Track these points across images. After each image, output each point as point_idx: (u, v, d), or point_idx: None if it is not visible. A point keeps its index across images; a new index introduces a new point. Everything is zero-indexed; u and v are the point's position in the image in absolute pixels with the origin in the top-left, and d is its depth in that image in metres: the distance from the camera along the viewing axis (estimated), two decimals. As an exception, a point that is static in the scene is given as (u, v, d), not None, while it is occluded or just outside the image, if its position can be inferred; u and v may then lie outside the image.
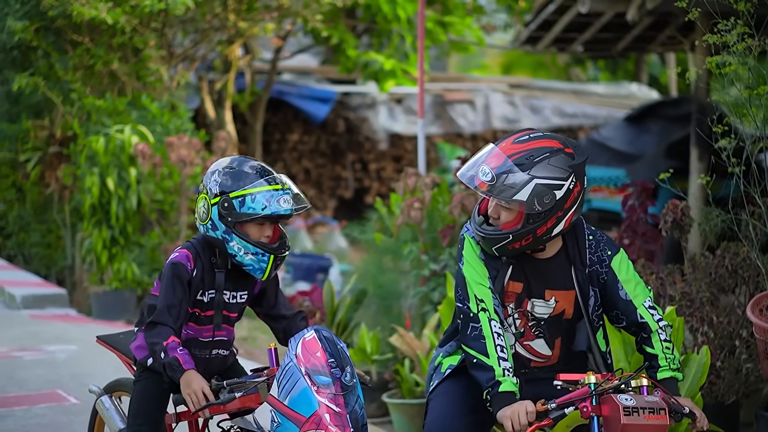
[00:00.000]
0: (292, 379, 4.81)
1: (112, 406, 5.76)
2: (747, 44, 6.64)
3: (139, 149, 11.89)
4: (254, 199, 5.08)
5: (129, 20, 12.97)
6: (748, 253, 7.11)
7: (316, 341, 4.85)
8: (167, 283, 5.15)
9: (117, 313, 12.14)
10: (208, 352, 5.30)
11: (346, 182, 19.33)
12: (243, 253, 5.13)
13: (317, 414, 4.74)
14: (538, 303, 4.89)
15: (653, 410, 4.50)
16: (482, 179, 4.68)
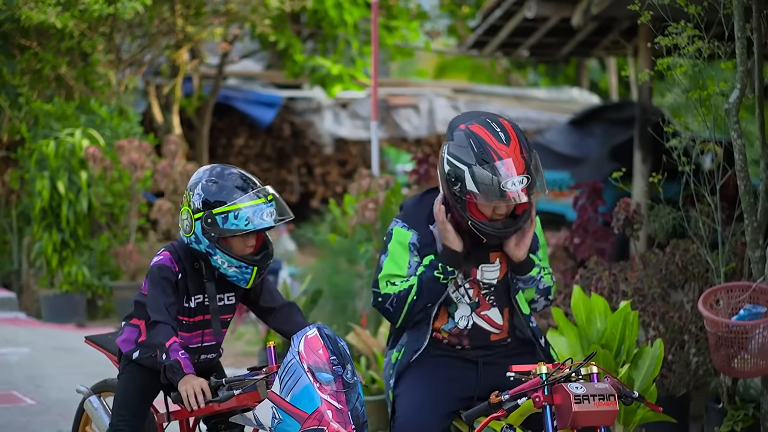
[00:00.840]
0: (294, 376, 4.87)
1: (100, 406, 5.77)
2: (697, 47, 6.83)
3: (90, 153, 11.91)
4: (237, 215, 5.06)
5: (77, 24, 12.97)
6: (698, 250, 7.31)
7: (319, 339, 4.92)
8: (158, 286, 5.17)
9: (67, 316, 12.14)
10: (197, 357, 5.32)
11: (291, 186, 19.40)
12: (227, 266, 5.14)
13: (319, 410, 4.80)
14: (487, 268, 5.10)
15: (603, 397, 4.68)
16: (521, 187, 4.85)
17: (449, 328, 5.13)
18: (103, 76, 13.54)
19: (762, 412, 6.70)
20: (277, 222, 5.15)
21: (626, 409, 6.26)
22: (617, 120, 15.55)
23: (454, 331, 5.12)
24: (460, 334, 5.12)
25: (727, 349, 6.44)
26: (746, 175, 6.65)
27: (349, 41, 17.01)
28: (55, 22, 12.59)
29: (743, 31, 6.61)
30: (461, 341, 5.12)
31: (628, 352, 6.36)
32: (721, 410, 7.05)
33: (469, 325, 5.10)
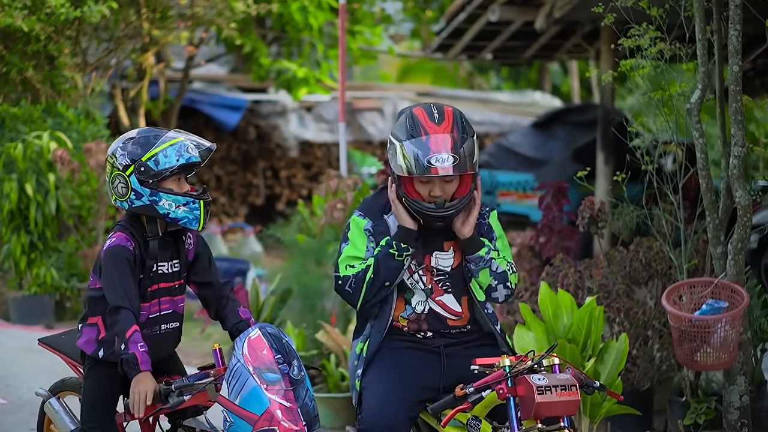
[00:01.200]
0: (241, 379, 4.94)
1: (61, 408, 5.85)
2: (659, 48, 6.99)
3: (58, 155, 11.95)
4: (166, 155, 5.20)
5: (44, 28, 13.00)
6: (661, 247, 7.48)
7: (262, 339, 5.00)
8: (115, 269, 5.19)
9: (36, 318, 12.17)
10: (158, 327, 5.40)
11: (257, 189, 19.48)
12: (175, 208, 5.25)
13: (269, 411, 4.87)
14: (441, 255, 5.23)
15: (565, 387, 4.82)
16: (446, 165, 4.96)
17: (407, 315, 5.26)
18: (70, 79, 13.57)
19: (724, 405, 6.87)
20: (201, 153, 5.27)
21: (592, 402, 6.42)
22: (579, 122, 15.76)
23: (412, 317, 5.25)
24: (418, 319, 5.24)
25: (690, 343, 6.60)
26: (708, 173, 6.82)
27: (315, 45, 17.11)
28: (22, 26, 12.61)
29: (704, 33, 6.77)
30: (420, 326, 5.25)
31: (594, 347, 6.51)
32: (684, 403, 7.22)
33: (425, 309, 5.24)
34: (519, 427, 4.83)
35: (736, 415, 6.81)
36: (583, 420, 6.52)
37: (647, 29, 7.04)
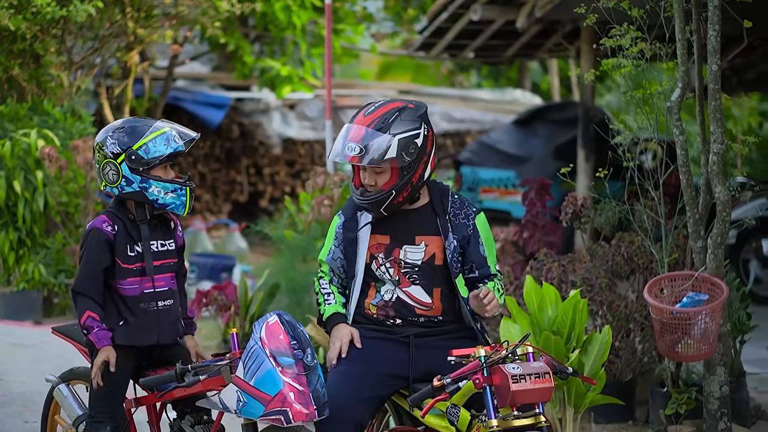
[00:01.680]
0: (257, 361, 5.12)
1: (69, 394, 6.01)
2: (640, 48, 7.17)
3: (46, 152, 12.08)
4: (155, 144, 5.49)
5: (30, 27, 13.12)
6: (642, 242, 7.67)
7: (279, 325, 5.19)
8: (87, 250, 5.53)
9: (24, 313, 12.30)
10: (155, 304, 5.61)
11: (240, 186, 19.62)
12: (164, 194, 5.53)
13: (282, 393, 5.07)
14: (410, 249, 5.46)
15: (539, 375, 5.02)
16: (352, 154, 5.29)
17: (376, 302, 5.49)
18: (56, 77, 13.69)
19: (704, 395, 7.06)
20: (186, 142, 5.59)
21: (576, 392, 6.60)
22: (560, 120, 15.95)
23: (380, 304, 5.48)
24: (386, 306, 5.47)
25: (672, 335, 6.79)
26: (688, 169, 7.01)
27: (298, 43, 17.26)
28: (8, 25, 12.74)
29: (683, 33, 6.96)
30: (388, 313, 5.47)
31: (578, 339, 6.68)
32: (666, 394, 7.42)
33: (393, 298, 5.46)
34: (496, 415, 5.02)
35: (716, 405, 7.00)
36: (568, 410, 6.69)
37: (628, 29, 7.21)
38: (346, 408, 5.26)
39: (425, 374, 5.34)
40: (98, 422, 5.57)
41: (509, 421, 5.03)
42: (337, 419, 5.23)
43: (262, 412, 5.12)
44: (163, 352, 5.72)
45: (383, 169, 5.35)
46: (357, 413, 5.29)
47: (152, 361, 5.75)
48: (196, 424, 5.67)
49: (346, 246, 5.53)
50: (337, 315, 5.51)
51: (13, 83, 13.78)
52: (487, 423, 5.02)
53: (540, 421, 5.05)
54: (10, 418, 8.20)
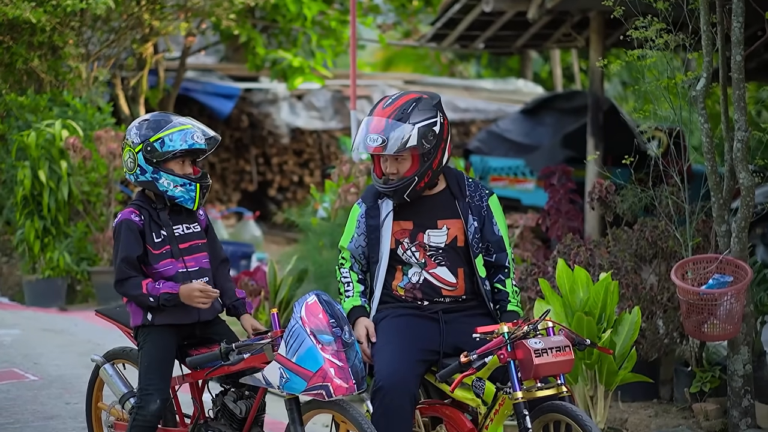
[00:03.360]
0: (298, 339, 5.39)
1: (114, 373, 6.30)
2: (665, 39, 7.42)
3: (71, 142, 12.31)
4: (172, 138, 5.81)
5: (50, 19, 13.35)
6: (666, 227, 7.93)
7: (318, 304, 5.47)
8: (120, 240, 5.85)
9: (50, 300, 12.54)
10: (190, 282, 5.85)
11: (249, 176, 19.85)
12: (173, 187, 5.84)
13: (323, 369, 5.35)
14: (433, 233, 5.75)
15: (560, 348, 5.35)
16: (375, 145, 5.58)
17: (404, 284, 5.78)
18: (74, 69, 13.91)
19: (728, 374, 7.30)
20: (208, 142, 5.88)
21: (608, 370, 6.87)
22: (568, 109, 16.18)
23: (408, 286, 5.77)
24: (413, 288, 5.76)
25: (698, 315, 7.04)
26: (713, 156, 7.25)
27: (308, 34, 17.47)
28: (30, 17, 12.96)
29: (708, 25, 7.20)
30: (415, 295, 5.76)
31: (609, 319, 6.95)
32: (690, 373, 7.69)
33: (420, 279, 5.75)
34: (520, 387, 5.32)
35: (740, 383, 7.24)
36: (599, 388, 6.96)
37: (652, 21, 7.45)
38: (404, 380, 5.52)
39: (453, 349, 5.65)
40: (148, 394, 5.82)
41: (533, 392, 5.35)
42: (395, 391, 5.49)
43: (304, 387, 5.38)
44: (204, 329, 6.02)
45: (404, 157, 5.63)
46: (413, 385, 5.56)
47: (195, 339, 6.03)
48: (238, 399, 5.93)
49: (369, 233, 5.80)
50: (355, 309, 5.78)
51: (32, 75, 14.00)
52: (512, 395, 5.32)
53: (562, 392, 5.37)
54: (51, 399, 8.44)
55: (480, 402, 5.56)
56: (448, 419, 5.70)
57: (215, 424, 5.97)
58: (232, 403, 5.93)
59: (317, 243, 9.83)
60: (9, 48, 13.71)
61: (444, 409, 5.75)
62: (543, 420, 5.41)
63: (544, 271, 8.13)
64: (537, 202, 14.40)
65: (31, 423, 7.79)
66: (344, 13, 17.81)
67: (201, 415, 6.05)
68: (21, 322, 11.40)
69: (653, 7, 7.49)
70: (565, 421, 5.32)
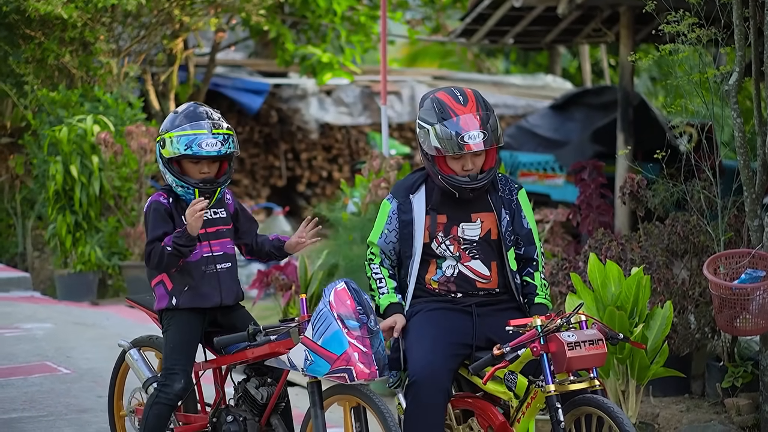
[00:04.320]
0: (325, 323, 5.50)
1: (140, 358, 6.41)
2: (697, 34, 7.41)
3: (102, 138, 12.40)
4: (179, 141, 5.83)
5: (81, 15, 13.44)
6: (698, 221, 7.93)
7: (347, 291, 5.59)
8: (150, 222, 5.93)
9: (81, 294, 12.63)
10: (214, 266, 5.98)
11: (278, 171, 19.90)
12: (175, 186, 5.92)
13: (347, 353, 5.44)
14: (467, 226, 5.75)
15: (593, 342, 5.34)
16: (476, 142, 5.54)
17: (438, 278, 5.78)
18: (105, 64, 14.00)
19: (761, 368, 7.28)
20: (220, 152, 5.83)
21: (640, 365, 6.87)
22: (597, 104, 16.15)
23: (442, 279, 5.77)
24: (447, 281, 5.76)
25: (730, 310, 7.03)
26: (745, 151, 7.24)
27: (337, 30, 17.51)
28: (62, 13, 13.06)
29: (741, 20, 7.19)
30: (449, 288, 5.76)
31: (641, 314, 6.95)
32: (722, 368, 7.67)
33: (455, 273, 5.75)
34: (553, 380, 5.33)
35: (772, 378, 7.24)
36: (631, 382, 6.96)
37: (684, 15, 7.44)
38: (438, 375, 5.54)
39: (486, 342, 5.66)
40: (173, 374, 5.91)
41: (566, 385, 5.36)
42: (429, 385, 5.52)
43: (327, 370, 5.46)
44: (226, 315, 6.07)
45: (482, 151, 5.63)
46: (447, 380, 5.58)
47: (217, 325, 6.09)
48: (260, 386, 6.00)
49: (402, 228, 5.79)
50: (392, 306, 5.76)
51: (64, 70, 14.09)
52: (545, 388, 5.33)
53: (594, 385, 5.37)
54: (83, 392, 8.52)
55: (512, 395, 5.57)
56: (480, 412, 5.72)
57: (236, 410, 6.04)
58: (254, 389, 6.00)
59: (347, 238, 9.86)
60: (41, 44, 13.82)
61: (476, 402, 5.77)
62: (575, 413, 5.42)
63: (575, 265, 8.13)
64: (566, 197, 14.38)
65: (64, 416, 7.88)
66: (374, 8, 17.84)
67: (222, 401, 6.13)
68: (53, 316, 11.49)
69: (685, 2, 7.48)
70: (597, 414, 5.33)
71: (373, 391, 5.57)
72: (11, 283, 13.10)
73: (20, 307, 12.04)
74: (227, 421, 6.00)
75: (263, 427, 6.00)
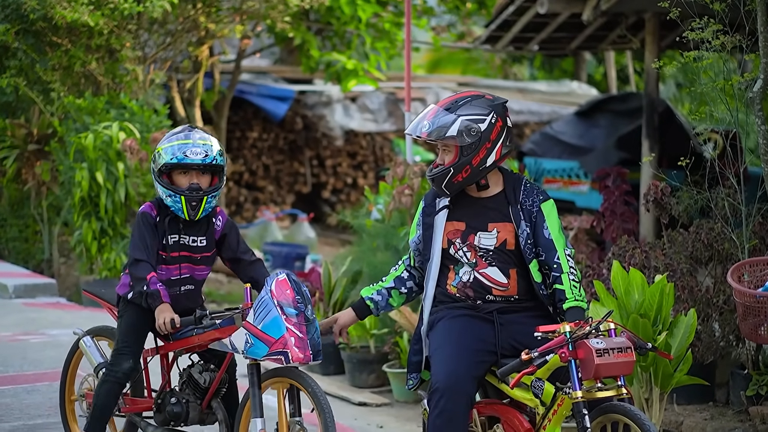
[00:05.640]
0: (266, 309, 5.96)
1: (93, 345, 6.87)
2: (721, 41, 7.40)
3: (128, 144, 12.45)
4: (165, 152, 6.24)
5: (107, 22, 13.51)
6: (722, 229, 7.91)
7: (287, 281, 6.03)
8: (138, 230, 6.29)
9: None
10: (178, 288, 6.37)
11: (303, 178, 19.95)
12: (165, 197, 6.27)
13: (284, 337, 5.93)
14: (483, 235, 5.77)
15: (621, 349, 5.35)
16: (420, 131, 5.72)
17: (455, 283, 5.81)
18: (131, 71, 14.07)
19: (786, 377, 7.29)
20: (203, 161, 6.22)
21: (663, 373, 6.87)
22: (622, 111, 16.12)
23: (459, 285, 5.80)
24: (464, 286, 5.79)
25: (755, 317, 7.01)
26: (769, 158, 7.24)
27: (362, 37, 17.54)
28: (88, 21, 13.13)
29: (766, 26, 7.18)
30: (467, 294, 5.79)
31: (665, 322, 6.94)
32: (746, 376, 7.65)
33: (471, 279, 5.77)
34: (580, 387, 5.34)
35: (797, 386, 7.23)
36: (654, 390, 6.96)
37: (708, 22, 7.44)
38: (461, 382, 5.55)
39: (511, 350, 5.66)
40: (122, 354, 6.35)
41: (593, 392, 5.37)
42: (453, 393, 5.53)
43: (266, 352, 5.95)
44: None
45: (449, 149, 5.69)
46: (471, 388, 5.59)
47: None
48: (203, 371, 6.46)
49: (425, 229, 5.87)
50: (356, 301, 6.07)
51: (90, 77, 14.17)
52: (572, 394, 5.34)
53: (622, 393, 5.38)
54: (108, 397, 8.53)
55: (538, 402, 5.58)
56: (506, 419, 5.73)
57: (180, 393, 6.48)
58: (197, 374, 6.44)
59: (371, 245, 9.87)
60: (67, 51, 13.89)
61: (502, 408, 5.78)
62: (601, 421, 5.43)
63: (599, 273, 8.13)
64: (591, 204, 14.36)
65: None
66: (398, 15, 17.85)
67: (168, 385, 6.54)
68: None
69: (710, 9, 7.47)
70: (623, 421, 5.34)
71: (307, 373, 6.05)
72: (37, 289, 13.16)
73: (46, 313, 12.09)
74: (171, 403, 6.44)
75: (204, 409, 6.46)
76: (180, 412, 6.42)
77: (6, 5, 13.70)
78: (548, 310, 5.80)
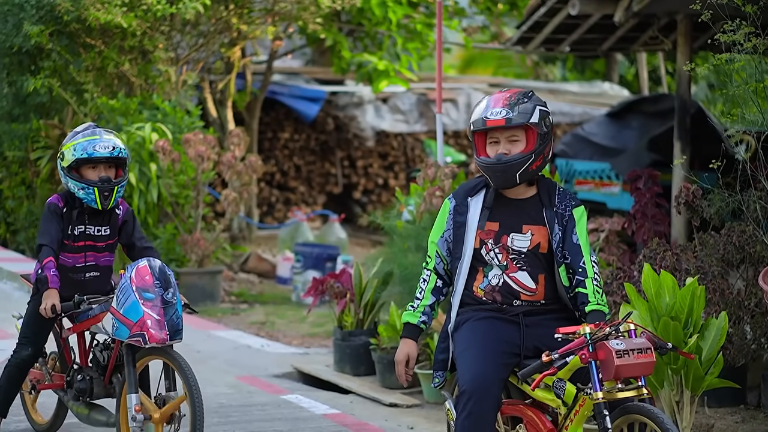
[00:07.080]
0: (125, 294, 6.50)
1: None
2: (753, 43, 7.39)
3: (160, 145, 12.53)
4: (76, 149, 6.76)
5: (140, 24, 13.60)
6: (753, 231, 7.89)
7: (147, 268, 6.55)
8: (45, 219, 6.83)
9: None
10: (83, 274, 6.97)
11: (334, 178, 19.99)
12: (77, 190, 6.81)
13: (142, 320, 6.44)
14: (517, 237, 5.75)
15: (641, 350, 5.37)
16: (496, 117, 5.62)
17: (484, 286, 5.78)
18: (163, 72, 14.16)
19: (817, 380, 7.26)
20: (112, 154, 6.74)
21: (695, 375, 6.85)
22: (654, 112, 16.04)
23: (488, 288, 5.77)
24: (492, 290, 5.77)
25: (786, 320, 7.01)
26: (801, 160, 7.21)
27: (394, 38, 17.56)
28: (121, 22, 13.23)
29: (798, 28, 7.16)
30: (495, 298, 5.77)
31: (695, 324, 6.93)
32: (778, 379, 7.64)
33: (499, 282, 5.76)
34: (601, 388, 5.37)
35: (829, 389, 7.20)
36: (685, 393, 6.95)
37: (740, 25, 7.42)
38: (489, 385, 5.57)
39: (534, 351, 5.67)
40: (22, 344, 7.02)
41: (614, 393, 5.39)
42: (480, 395, 5.55)
43: (128, 335, 6.45)
44: None
45: (518, 138, 5.64)
46: (497, 390, 5.61)
47: None
48: (104, 350, 7.04)
49: (456, 229, 5.83)
50: (407, 327, 5.86)
51: (123, 78, 14.26)
52: (593, 395, 5.36)
53: (642, 393, 5.39)
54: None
55: (560, 403, 5.59)
56: (529, 419, 5.75)
57: (86, 370, 7.08)
58: (98, 352, 7.03)
59: (402, 246, 9.88)
60: (101, 52, 14.00)
61: (524, 409, 5.79)
62: (623, 421, 5.44)
63: (630, 275, 8.12)
64: (622, 205, 14.32)
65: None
66: (430, 16, 17.87)
67: (83, 361, 7.15)
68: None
69: (741, 11, 7.46)
70: (644, 422, 5.35)
71: (178, 352, 6.50)
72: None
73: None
74: (77, 380, 7.05)
75: (107, 384, 7.00)
76: (85, 388, 7.01)
77: (40, 7, 13.82)
78: (573, 314, 5.82)
